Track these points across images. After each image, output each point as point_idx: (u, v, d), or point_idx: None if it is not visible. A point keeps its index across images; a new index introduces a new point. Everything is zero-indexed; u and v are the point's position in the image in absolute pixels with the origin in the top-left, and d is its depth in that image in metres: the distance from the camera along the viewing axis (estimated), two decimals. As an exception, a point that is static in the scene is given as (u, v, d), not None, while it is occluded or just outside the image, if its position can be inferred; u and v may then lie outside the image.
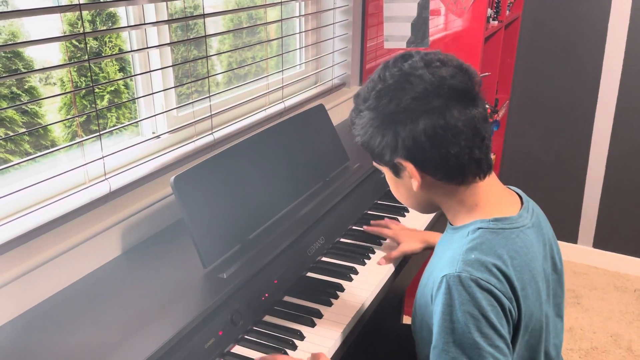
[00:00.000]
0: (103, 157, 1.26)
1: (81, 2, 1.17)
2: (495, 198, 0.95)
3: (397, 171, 0.94)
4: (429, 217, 1.60)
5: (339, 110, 2.14)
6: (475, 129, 0.88)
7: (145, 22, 1.40)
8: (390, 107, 0.88)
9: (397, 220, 1.56)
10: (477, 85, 0.90)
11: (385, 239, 1.45)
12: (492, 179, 0.95)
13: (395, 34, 2.18)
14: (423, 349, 1.03)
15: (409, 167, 0.91)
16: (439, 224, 1.63)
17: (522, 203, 0.98)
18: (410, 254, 1.37)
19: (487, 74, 2.37)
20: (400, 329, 1.49)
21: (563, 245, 2.86)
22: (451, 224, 0.99)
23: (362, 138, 0.94)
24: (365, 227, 1.46)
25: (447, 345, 0.85)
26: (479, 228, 0.91)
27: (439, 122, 0.86)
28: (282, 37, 1.88)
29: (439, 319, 0.86)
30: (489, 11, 2.21)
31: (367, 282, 1.29)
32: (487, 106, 0.93)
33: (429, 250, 1.38)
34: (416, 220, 1.57)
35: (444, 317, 0.85)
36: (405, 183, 0.95)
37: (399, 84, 0.88)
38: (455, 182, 0.92)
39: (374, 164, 0.99)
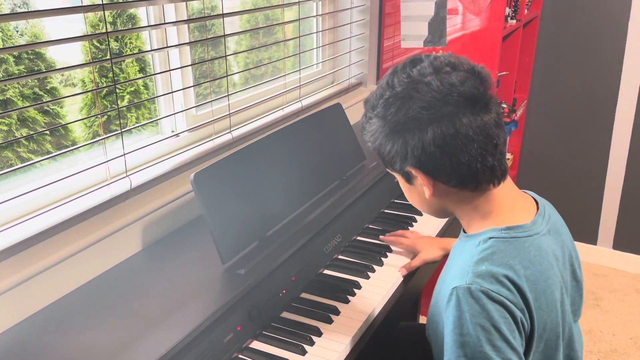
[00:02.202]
0: (124, 154, 1.28)
1: (104, 2, 1.19)
2: (509, 205, 0.93)
3: (408, 178, 0.93)
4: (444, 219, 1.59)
5: (356, 109, 2.14)
6: (487, 135, 0.86)
7: (165, 22, 1.42)
8: (398, 116, 0.87)
9: (414, 219, 1.56)
10: (490, 88, 0.88)
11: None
12: (507, 185, 0.93)
13: (413, 33, 2.18)
14: (439, 354, 1.02)
15: (420, 175, 0.90)
16: (454, 226, 1.63)
17: (537, 209, 0.96)
18: (430, 262, 1.36)
19: (504, 73, 2.35)
20: (416, 328, 1.49)
21: (582, 247, 2.83)
22: (464, 231, 0.98)
23: (373, 144, 0.93)
24: (381, 237, 1.44)
25: (458, 358, 0.84)
26: (491, 237, 0.89)
27: (449, 131, 0.84)
28: (299, 37, 1.89)
29: (450, 331, 0.85)
30: (507, 10, 2.20)
31: (384, 280, 1.29)
32: (503, 107, 0.91)
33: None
34: (432, 221, 1.56)
35: (455, 330, 0.84)
36: (417, 190, 0.94)
37: (407, 92, 0.86)
38: (469, 189, 0.91)
39: (387, 169, 0.98)
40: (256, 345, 1.08)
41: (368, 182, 1.57)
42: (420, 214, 1.59)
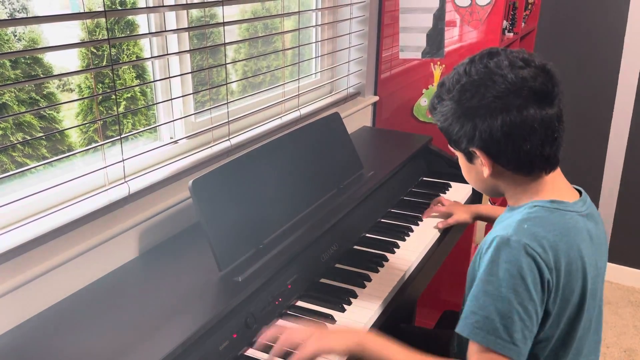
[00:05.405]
0: (123, 160, 1.28)
1: (106, 10, 1.19)
2: (556, 188, 1.02)
3: (470, 158, 1.03)
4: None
5: (354, 119, 2.15)
6: (549, 128, 0.95)
7: (166, 29, 1.43)
8: (473, 101, 0.96)
9: (411, 229, 1.57)
10: (557, 85, 0.96)
11: (399, 247, 1.47)
12: (556, 174, 1.03)
13: (411, 45, 2.20)
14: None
15: (482, 156, 0.99)
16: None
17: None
18: (461, 223, 1.58)
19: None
20: (413, 333, 1.49)
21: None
22: (510, 206, 1.07)
23: (442, 124, 1.02)
24: (423, 216, 1.63)
25: (479, 293, 0.93)
26: (536, 205, 0.99)
27: (516, 120, 0.93)
28: (298, 46, 1.90)
29: (482, 271, 0.94)
30: (505, 23, 2.22)
31: (381, 289, 1.29)
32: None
33: (477, 220, 1.60)
34: (428, 233, 1.57)
35: (486, 270, 0.93)
36: (476, 169, 1.04)
37: (483, 81, 0.95)
38: (523, 174, 1.00)
39: (449, 147, 1.06)
40: (252, 353, 1.08)
41: (365, 192, 1.57)
42: (417, 224, 1.60)
